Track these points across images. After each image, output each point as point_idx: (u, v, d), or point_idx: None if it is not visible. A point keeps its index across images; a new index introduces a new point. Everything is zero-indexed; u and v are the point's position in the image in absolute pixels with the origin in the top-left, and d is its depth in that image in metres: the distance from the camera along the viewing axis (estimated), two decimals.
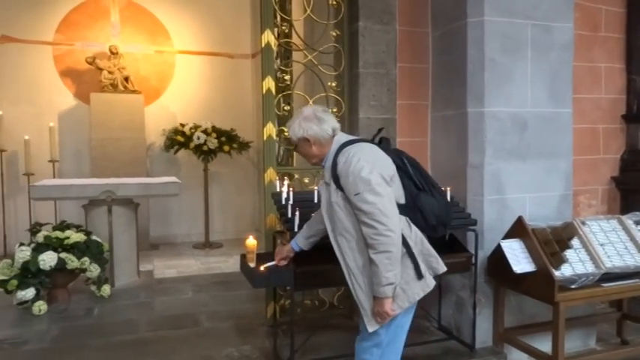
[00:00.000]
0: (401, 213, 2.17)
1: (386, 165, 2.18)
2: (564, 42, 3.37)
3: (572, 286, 2.89)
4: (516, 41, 3.25)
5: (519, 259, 2.97)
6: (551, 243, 2.99)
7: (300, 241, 2.58)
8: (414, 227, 2.23)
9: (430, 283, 2.22)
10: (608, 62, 3.99)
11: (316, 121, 2.23)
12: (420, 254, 2.22)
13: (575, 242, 3.04)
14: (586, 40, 3.70)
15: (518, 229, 3.09)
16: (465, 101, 3.29)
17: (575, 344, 3.40)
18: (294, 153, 4.30)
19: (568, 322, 2.95)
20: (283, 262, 2.67)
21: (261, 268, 2.71)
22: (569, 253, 2.96)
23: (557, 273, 2.85)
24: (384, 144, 2.35)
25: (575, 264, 2.95)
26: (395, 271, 2.06)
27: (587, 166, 3.75)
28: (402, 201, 2.22)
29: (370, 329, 2.17)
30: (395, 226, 2.06)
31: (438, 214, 2.26)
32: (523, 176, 3.32)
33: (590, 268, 2.95)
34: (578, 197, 3.74)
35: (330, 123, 2.25)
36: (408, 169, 2.27)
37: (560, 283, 2.84)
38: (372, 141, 2.35)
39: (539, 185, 3.36)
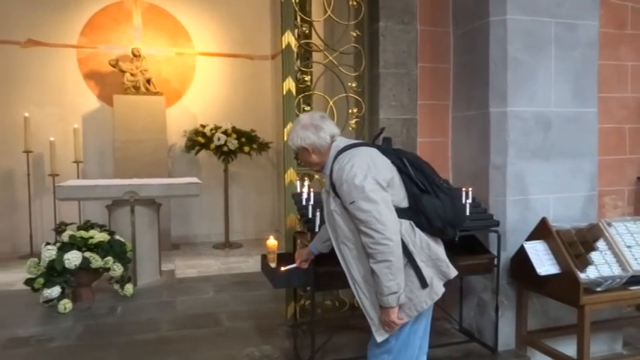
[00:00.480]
0: (405, 217, 2.09)
1: (382, 169, 2.09)
2: (589, 40, 3.31)
3: (598, 289, 2.83)
4: (540, 40, 3.20)
5: (543, 260, 2.92)
6: (576, 245, 2.94)
7: (318, 245, 2.56)
8: (418, 231, 2.12)
9: (438, 290, 2.12)
10: (635, 60, 3.91)
11: (313, 130, 2.17)
12: (428, 259, 2.12)
13: (600, 244, 2.98)
14: (612, 38, 3.63)
15: (541, 231, 3.04)
16: (487, 101, 3.26)
17: (601, 348, 3.34)
18: None
19: (593, 325, 2.90)
20: (304, 265, 2.67)
21: (282, 269, 2.72)
22: (594, 255, 2.91)
23: (582, 275, 2.80)
24: (386, 145, 2.28)
25: (600, 266, 2.89)
26: (396, 280, 1.99)
27: (612, 167, 3.67)
28: (405, 204, 2.13)
29: (379, 339, 2.12)
30: (392, 234, 1.98)
31: (443, 215, 2.12)
32: (547, 177, 3.27)
33: (616, 270, 2.89)
34: (604, 198, 3.67)
35: (327, 130, 2.19)
36: (409, 171, 2.15)
37: (586, 286, 2.79)
38: (372, 143, 2.29)
39: (563, 186, 3.31)
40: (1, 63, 6.35)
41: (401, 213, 2.08)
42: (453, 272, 2.19)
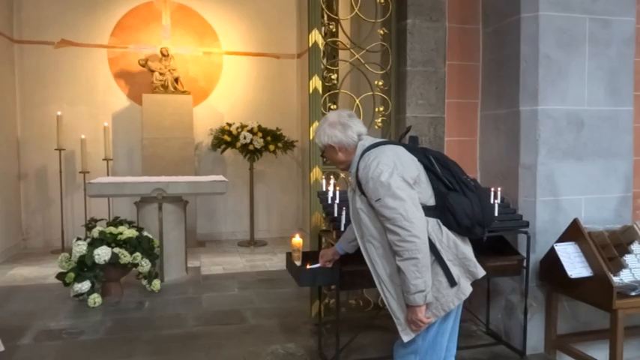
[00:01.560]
0: (431, 215, 2.07)
1: (409, 166, 2.07)
2: (625, 37, 3.21)
3: (632, 293, 2.75)
4: (573, 36, 3.12)
5: (574, 263, 2.85)
6: (609, 247, 2.86)
7: (344, 245, 2.56)
8: (445, 230, 2.09)
9: (466, 289, 2.09)
10: None
11: (341, 128, 2.17)
12: (455, 259, 2.09)
13: (635, 247, 2.89)
14: None
15: (573, 232, 2.97)
16: (517, 99, 3.19)
17: (634, 354, 3.24)
18: None
19: (627, 330, 2.81)
20: (328, 264, 2.67)
21: (307, 267, 2.72)
22: (628, 259, 2.83)
23: (615, 279, 2.73)
24: (412, 143, 2.27)
25: (635, 270, 2.81)
26: (423, 278, 1.96)
27: None
28: (432, 202, 2.10)
29: (405, 339, 2.09)
30: (419, 232, 1.96)
31: (471, 214, 2.08)
32: (579, 177, 3.19)
33: None
34: (639, 200, 3.55)
35: (355, 128, 2.19)
36: (435, 169, 2.13)
37: (619, 290, 2.71)
38: (398, 141, 2.27)
39: (596, 187, 3.22)
40: (35, 63, 6.53)
41: (428, 211, 2.06)
42: (481, 272, 2.15)
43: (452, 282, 2.04)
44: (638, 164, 3.41)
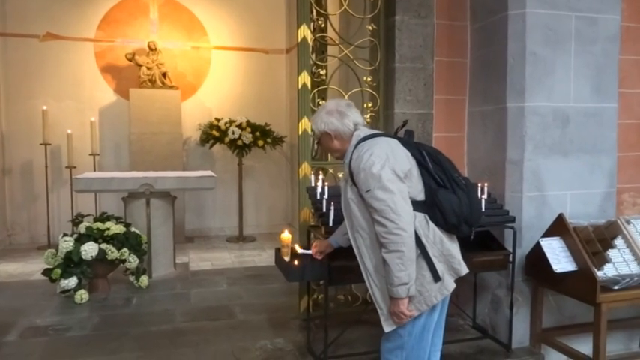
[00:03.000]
0: (420, 210, 2.09)
1: (401, 160, 2.09)
2: (610, 34, 3.25)
3: (615, 287, 2.80)
4: (559, 34, 3.15)
5: (559, 257, 2.89)
6: (594, 242, 2.90)
7: (339, 238, 2.56)
8: (432, 226, 2.11)
9: (449, 285, 2.11)
10: None
11: (338, 116, 2.20)
12: (440, 255, 2.11)
13: (618, 242, 2.94)
14: (634, 32, 3.55)
15: (558, 227, 3.01)
16: (504, 96, 3.22)
17: (617, 347, 3.30)
18: None
19: (610, 323, 2.86)
20: (319, 256, 2.67)
21: (298, 250, 2.71)
22: (612, 253, 2.87)
23: (599, 273, 2.77)
24: (407, 137, 2.27)
25: (618, 264, 2.85)
26: (407, 271, 1.99)
27: (632, 163, 3.60)
28: (421, 198, 2.12)
29: (387, 329, 2.12)
30: (406, 225, 1.98)
31: (459, 212, 2.10)
32: (564, 173, 3.23)
33: (634, 268, 2.86)
34: (622, 195, 3.60)
35: (352, 117, 2.21)
36: (427, 165, 2.15)
37: (603, 284, 2.76)
38: (394, 135, 2.28)
39: (581, 182, 3.26)
40: (20, 56, 6.45)
41: (416, 206, 2.08)
42: (464, 270, 2.18)
43: (436, 277, 2.07)
44: (622, 160, 3.46)
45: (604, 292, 2.75)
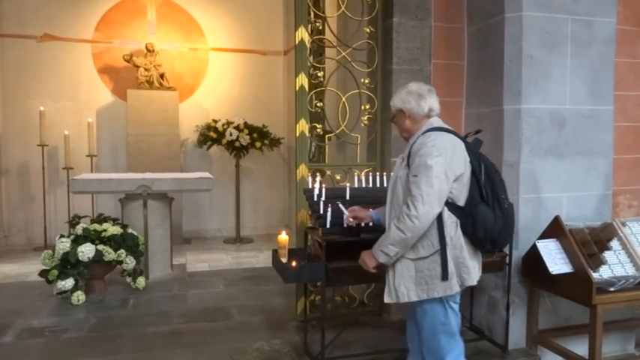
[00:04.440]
0: (455, 214, 2.19)
1: (457, 163, 2.18)
2: (606, 37, 3.27)
3: (611, 289, 2.81)
4: (555, 36, 3.16)
5: (555, 259, 2.90)
6: (590, 244, 2.91)
7: (381, 214, 2.58)
8: (459, 232, 2.20)
9: (453, 287, 2.20)
10: None
11: (416, 96, 2.29)
12: (455, 259, 2.20)
13: (614, 244, 2.95)
14: (629, 35, 3.57)
15: (554, 229, 3.02)
16: (501, 98, 3.23)
17: (613, 348, 3.31)
18: (326, 150, 4.32)
19: (606, 325, 2.87)
20: (351, 221, 2.68)
21: (340, 205, 2.70)
22: (608, 255, 2.88)
23: (595, 275, 2.78)
24: (474, 144, 2.35)
25: (614, 266, 2.86)
26: (397, 249, 2.17)
27: (628, 166, 3.62)
28: (461, 204, 2.21)
29: (386, 299, 2.35)
30: (425, 219, 2.09)
31: (490, 229, 2.20)
32: (560, 175, 3.24)
33: (630, 270, 2.87)
34: (618, 197, 3.62)
35: (429, 102, 2.30)
36: (480, 176, 2.23)
37: (599, 286, 2.77)
38: (463, 137, 2.34)
39: (577, 184, 3.28)
40: (17, 57, 6.44)
41: (453, 209, 2.18)
42: (471, 282, 2.26)
43: (444, 276, 2.17)
44: (618, 163, 3.48)
45: (600, 294, 2.76)
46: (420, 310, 2.30)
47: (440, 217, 2.15)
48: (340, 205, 2.70)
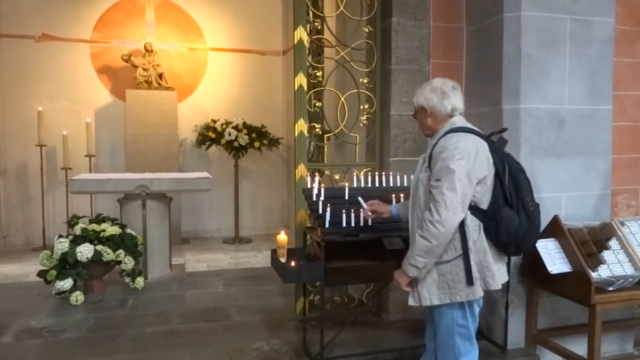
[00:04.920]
0: (478, 217, 2.16)
1: (480, 165, 2.13)
2: (605, 37, 3.27)
3: (610, 288, 2.81)
4: (554, 36, 3.16)
5: (554, 259, 2.90)
6: (588, 243, 2.91)
7: (402, 209, 2.56)
8: (482, 236, 2.17)
9: (477, 292, 2.17)
10: None
11: (440, 94, 2.24)
12: (478, 264, 2.17)
13: (613, 243, 2.95)
14: (628, 35, 3.57)
15: (553, 229, 3.02)
16: (500, 98, 3.23)
17: (612, 348, 3.31)
18: (325, 149, 4.32)
19: (605, 325, 2.88)
20: (369, 215, 2.64)
21: (360, 199, 2.66)
22: (606, 254, 2.88)
23: (594, 274, 2.78)
24: (498, 144, 2.30)
25: (613, 265, 2.86)
26: (425, 260, 2.10)
27: (627, 165, 3.62)
28: (484, 207, 2.17)
29: (410, 302, 2.26)
30: (449, 224, 2.05)
31: (514, 233, 2.16)
32: (559, 175, 3.24)
33: (629, 270, 2.87)
34: (617, 197, 3.62)
35: (452, 101, 2.24)
36: (504, 178, 2.18)
37: (597, 285, 2.77)
38: (487, 137, 2.29)
39: (576, 184, 3.28)
40: (15, 57, 6.43)
41: (476, 213, 2.15)
42: (495, 286, 2.24)
43: (469, 281, 2.14)
44: (617, 162, 3.48)
45: (599, 294, 2.76)
46: (438, 311, 2.27)
47: (462, 221, 2.11)
48: (360, 199, 2.67)
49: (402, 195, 2.92)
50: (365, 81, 3.65)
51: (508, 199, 2.18)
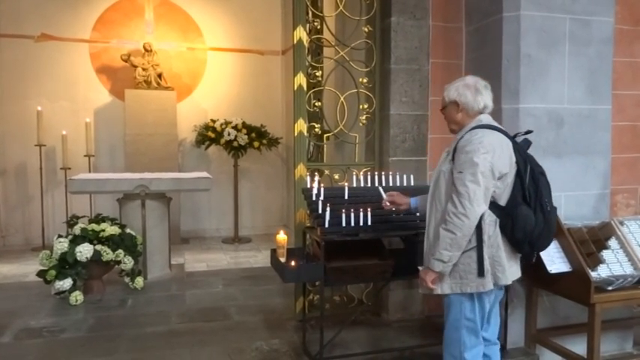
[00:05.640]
0: (495, 213, 2.19)
1: (503, 161, 2.18)
2: (604, 36, 3.27)
3: (609, 288, 2.81)
4: (553, 36, 3.16)
5: (554, 258, 2.90)
6: (588, 243, 2.91)
7: (421, 203, 2.60)
8: (498, 231, 2.21)
9: (487, 285, 2.20)
10: None
11: (473, 91, 2.29)
12: (490, 258, 2.20)
13: (612, 243, 2.95)
14: (627, 35, 3.57)
15: None
16: (499, 97, 3.22)
17: (611, 347, 3.31)
18: (324, 149, 4.32)
19: (604, 324, 2.88)
20: (388, 206, 2.68)
21: (380, 188, 2.72)
22: (606, 254, 2.88)
23: (593, 274, 2.78)
24: (522, 145, 2.35)
25: (612, 265, 2.86)
26: (451, 253, 2.14)
27: (626, 165, 3.62)
28: (502, 203, 2.21)
29: (420, 291, 2.34)
30: (473, 216, 2.10)
31: (529, 231, 2.20)
32: (558, 174, 3.22)
33: (628, 269, 2.87)
34: (616, 196, 3.63)
35: (484, 98, 2.30)
36: (524, 178, 2.22)
37: (597, 284, 2.77)
38: (512, 137, 2.33)
39: (575, 184, 3.28)
40: (14, 57, 6.42)
41: (494, 208, 2.19)
42: (505, 281, 2.26)
43: (480, 272, 2.18)
44: (616, 162, 3.48)
45: (598, 293, 2.76)
46: (446, 301, 2.33)
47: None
48: (380, 189, 2.72)
49: None
50: (364, 81, 3.66)
51: (527, 198, 2.22)
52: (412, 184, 3.39)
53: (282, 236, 2.88)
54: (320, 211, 2.92)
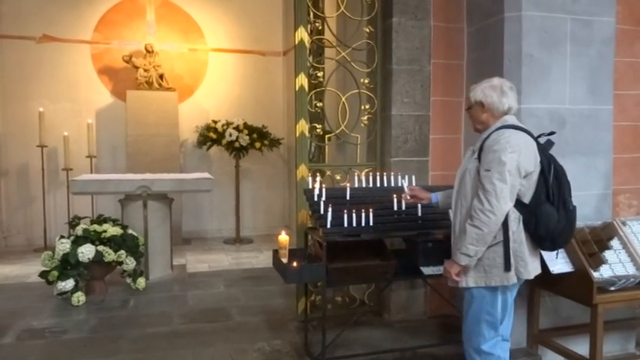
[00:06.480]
0: (519, 210, 2.26)
1: (528, 160, 2.24)
2: (605, 37, 3.27)
3: (612, 288, 2.81)
4: (555, 36, 3.16)
5: (556, 259, 2.90)
6: (590, 243, 2.91)
7: (442, 199, 2.67)
8: (521, 227, 2.28)
9: (511, 279, 2.28)
10: None
11: (499, 92, 2.35)
12: (514, 252, 2.27)
13: (614, 243, 2.95)
14: (628, 35, 3.57)
15: None
16: None
17: (614, 348, 3.31)
18: (326, 150, 4.32)
19: (606, 324, 2.87)
20: (408, 199, 2.78)
21: (406, 187, 2.80)
22: (608, 254, 2.88)
23: (595, 274, 2.78)
24: (545, 145, 2.41)
25: (614, 265, 2.86)
26: (477, 248, 2.22)
27: (628, 165, 3.62)
28: (526, 200, 2.28)
29: (450, 283, 2.41)
30: (499, 213, 2.17)
31: (552, 228, 2.28)
32: None
33: (630, 269, 2.87)
34: (618, 197, 3.62)
35: (509, 99, 2.36)
36: (548, 177, 2.29)
37: (599, 285, 2.77)
38: (535, 137, 2.39)
39: (577, 184, 3.22)
40: (16, 58, 6.43)
41: (518, 205, 2.26)
42: (527, 275, 2.34)
43: (507, 267, 2.25)
44: (618, 162, 3.48)
45: (600, 294, 2.76)
46: (468, 294, 2.38)
47: None
48: (404, 182, 2.80)
49: None
50: (366, 81, 3.66)
51: (550, 196, 2.28)
52: (414, 184, 3.39)
53: (283, 237, 2.88)
54: (322, 212, 2.92)
